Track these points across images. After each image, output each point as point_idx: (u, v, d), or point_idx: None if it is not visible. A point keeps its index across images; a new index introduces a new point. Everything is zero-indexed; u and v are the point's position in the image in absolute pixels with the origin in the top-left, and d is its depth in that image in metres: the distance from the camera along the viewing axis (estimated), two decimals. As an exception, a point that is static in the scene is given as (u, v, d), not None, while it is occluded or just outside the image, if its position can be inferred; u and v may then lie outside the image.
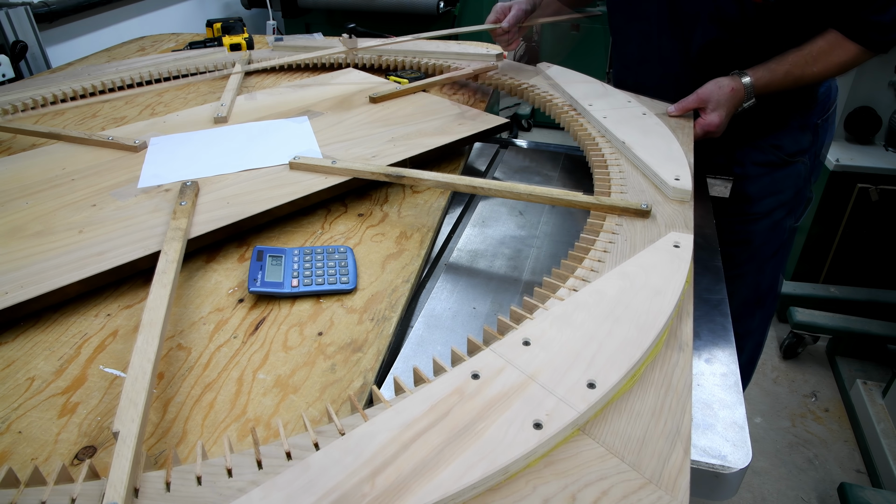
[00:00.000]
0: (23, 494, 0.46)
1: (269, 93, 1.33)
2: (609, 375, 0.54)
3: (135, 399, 0.54)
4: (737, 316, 1.24)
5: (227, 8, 2.92)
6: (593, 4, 1.75)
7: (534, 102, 1.27)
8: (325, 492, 0.45)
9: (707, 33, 1.13)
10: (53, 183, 0.95)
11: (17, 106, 1.34)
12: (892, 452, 1.66)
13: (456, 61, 1.47)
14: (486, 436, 0.49)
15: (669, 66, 1.23)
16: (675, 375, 0.57)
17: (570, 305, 0.63)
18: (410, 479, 0.45)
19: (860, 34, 1.03)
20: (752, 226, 1.30)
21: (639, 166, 0.94)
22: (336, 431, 0.50)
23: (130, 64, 1.58)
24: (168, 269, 0.73)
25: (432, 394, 0.53)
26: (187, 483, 0.47)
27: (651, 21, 1.21)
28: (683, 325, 0.64)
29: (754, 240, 1.32)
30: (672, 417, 0.53)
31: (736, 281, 1.28)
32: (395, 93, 1.26)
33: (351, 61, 1.58)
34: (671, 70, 1.23)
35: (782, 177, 1.26)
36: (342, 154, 1.02)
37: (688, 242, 0.73)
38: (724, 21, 1.10)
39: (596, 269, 0.71)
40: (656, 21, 1.20)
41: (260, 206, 0.88)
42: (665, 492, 0.46)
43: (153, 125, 1.16)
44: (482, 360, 0.56)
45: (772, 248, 1.34)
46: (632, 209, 0.81)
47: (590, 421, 0.52)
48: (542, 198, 0.85)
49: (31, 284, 0.72)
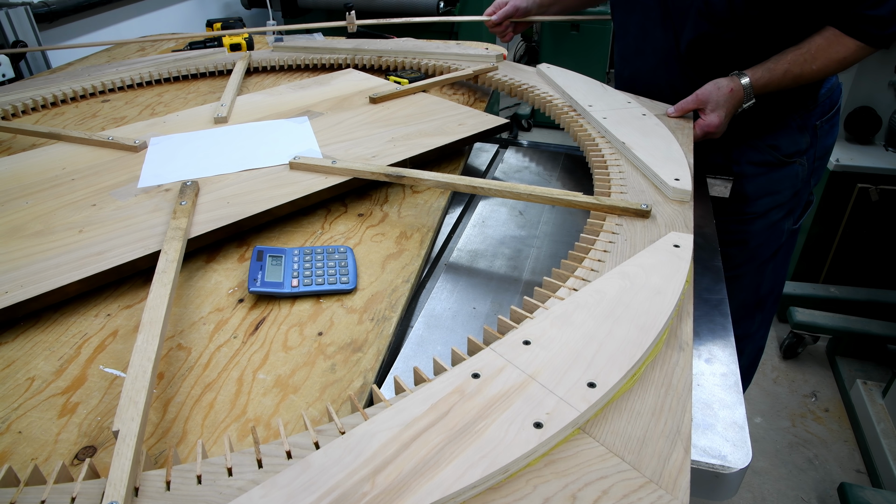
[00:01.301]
0: (22, 493, 0.46)
1: (269, 93, 1.33)
2: (609, 375, 0.54)
3: (135, 398, 0.54)
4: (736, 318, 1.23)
5: (227, 8, 2.92)
6: (595, 7, 1.76)
7: (534, 103, 1.27)
8: (326, 491, 0.45)
9: (697, 27, 1.13)
10: (53, 183, 0.95)
11: (17, 107, 1.34)
12: (892, 452, 1.66)
13: (456, 62, 1.47)
14: (487, 435, 0.49)
15: (662, 59, 1.23)
16: (676, 375, 0.57)
17: (570, 305, 0.63)
18: (411, 478, 0.45)
19: (857, 30, 1.03)
20: (748, 226, 1.29)
21: (639, 167, 0.94)
22: (336, 430, 0.50)
23: (131, 64, 1.58)
24: (168, 268, 0.73)
25: (432, 393, 0.53)
26: (187, 482, 0.47)
27: (647, 14, 1.21)
28: (683, 325, 0.64)
29: (751, 240, 1.31)
30: (672, 417, 0.53)
31: (734, 282, 1.28)
32: (395, 93, 1.26)
33: (351, 61, 1.58)
34: (664, 63, 1.23)
35: (779, 177, 1.25)
36: (342, 154, 1.02)
37: (688, 243, 0.73)
38: (713, 16, 1.10)
39: (596, 269, 0.71)
40: (651, 14, 1.20)
41: (260, 205, 0.88)
42: (665, 491, 0.46)
43: (153, 125, 1.16)
44: (482, 360, 0.56)
45: (769, 249, 1.33)
46: (632, 209, 0.81)
47: (590, 420, 0.52)
48: (542, 198, 0.85)
49: (30, 284, 0.72)
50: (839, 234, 2.16)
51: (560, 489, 0.46)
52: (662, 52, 1.22)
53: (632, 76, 1.32)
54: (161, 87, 1.52)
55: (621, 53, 1.35)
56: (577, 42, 3.47)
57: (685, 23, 1.15)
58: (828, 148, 1.30)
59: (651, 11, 1.20)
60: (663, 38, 1.21)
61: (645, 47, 1.26)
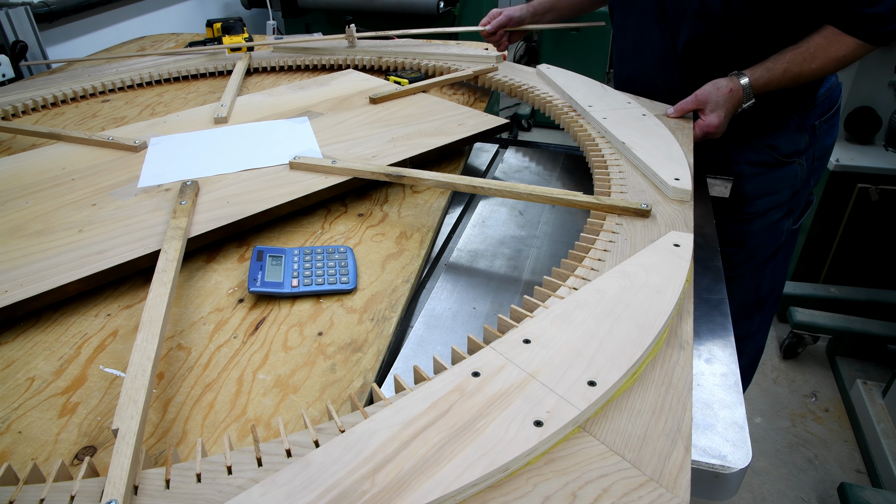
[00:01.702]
0: (22, 492, 0.46)
1: (269, 93, 1.33)
2: (610, 374, 0.54)
3: (134, 396, 0.54)
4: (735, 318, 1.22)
5: (227, 8, 2.92)
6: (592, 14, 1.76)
7: (533, 104, 1.27)
8: (325, 489, 0.45)
9: (694, 28, 1.13)
10: (53, 182, 0.95)
11: (17, 107, 1.34)
12: (892, 452, 1.66)
13: (456, 62, 1.47)
14: (487, 433, 0.49)
15: (660, 60, 1.23)
16: (676, 374, 0.57)
17: (570, 304, 0.63)
18: (410, 477, 0.45)
19: (856, 28, 1.03)
20: (747, 226, 1.29)
21: (639, 167, 0.94)
22: (336, 429, 0.50)
23: (130, 65, 1.58)
24: (168, 267, 0.72)
25: (433, 391, 0.53)
26: (187, 480, 0.47)
27: (645, 15, 1.21)
28: (684, 324, 0.64)
29: (750, 240, 1.30)
30: (673, 416, 0.53)
31: (734, 282, 1.27)
32: (395, 93, 1.26)
33: (351, 62, 1.58)
34: (662, 64, 1.23)
35: (778, 177, 1.25)
36: (342, 154, 1.02)
37: (688, 242, 0.73)
38: (709, 17, 1.10)
39: (596, 268, 0.71)
40: (648, 15, 1.21)
41: (260, 205, 0.88)
42: (666, 489, 0.46)
43: (153, 125, 1.16)
44: (483, 359, 0.56)
45: (769, 249, 1.32)
46: (632, 209, 0.81)
47: (590, 419, 0.52)
48: (542, 198, 0.85)
49: (30, 283, 0.72)
50: (839, 234, 2.16)
51: (560, 487, 0.46)
52: (660, 53, 1.22)
53: (630, 77, 1.32)
54: (161, 88, 1.52)
55: (620, 54, 1.36)
56: (577, 42, 3.47)
57: (682, 24, 1.15)
58: (827, 148, 1.30)
59: (648, 12, 1.20)
60: (660, 39, 1.21)
61: (643, 48, 1.26)
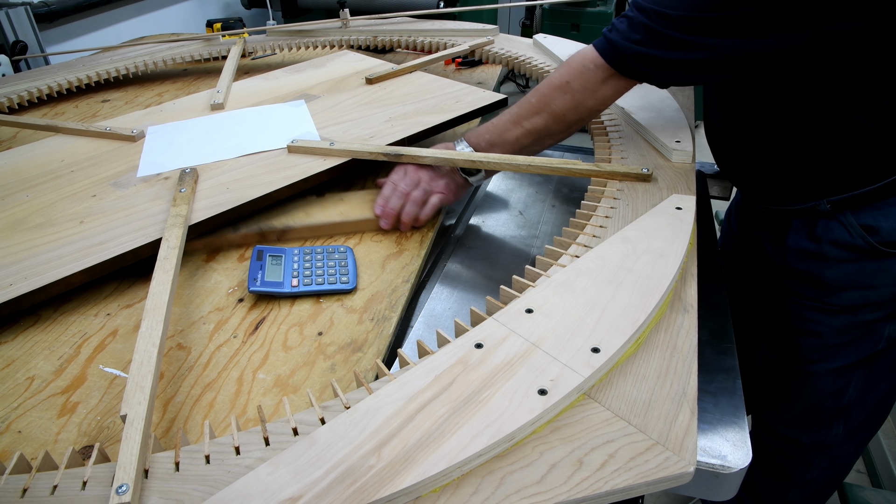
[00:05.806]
0: (35, 479, 0.47)
1: (265, 77, 1.32)
2: (613, 340, 0.54)
3: (141, 382, 0.54)
4: (804, 424, 1.08)
5: (227, 8, 2.91)
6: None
7: (530, 74, 1.25)
8: (332, 465, 0.45)
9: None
10: (53, 175, 0.95)
11: (13, 99, 1.34)
12: (892, 452, 1.64)
13: (452, 38, 1.45)
14: (491, 404, 0.49)
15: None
16: (681, 337, 0.57)
17: (572, 272, 0.62)
18: (416, 450, 0.45)
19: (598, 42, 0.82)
20: (827, 317, 0.97)
21: (639, 131, 0.92)
22: (342, 406, 0.50)
23: (125, 53, 1.57)
24: (170, 255, 0.73)
25: (436, 365, 0.53)
26: (196, 462, 0.48)
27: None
28: (687, 287, 0.63)
29: (829, 336, 0.98)
30: (678, 379, 0.52)
31: (804, 379, 1.04)
32: (392, 73, 1.25)
33: (346, 42, 1.56)
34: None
35: (876, 270, 0.90)
36: (340, 136, 1.01)
37: (690, 205, 0.72)
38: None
39: (598, 235, 0.70)
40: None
41: (259, 190, 0.87)
42: (672, 452, 0.46)
43: (150, 114, 1.16)
44: (485, 330, 0.56)
45: (858, 353, 0.98)
46: (633, 174, 0.80)
47: (595, 385, 0.52)
48: (542, 168, 0.84)
49: (34, 276, 0.73)
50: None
51: (566, 454, 0.46)
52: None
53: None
54: (161, 87, 1.51)
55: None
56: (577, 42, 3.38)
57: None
58: None
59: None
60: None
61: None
